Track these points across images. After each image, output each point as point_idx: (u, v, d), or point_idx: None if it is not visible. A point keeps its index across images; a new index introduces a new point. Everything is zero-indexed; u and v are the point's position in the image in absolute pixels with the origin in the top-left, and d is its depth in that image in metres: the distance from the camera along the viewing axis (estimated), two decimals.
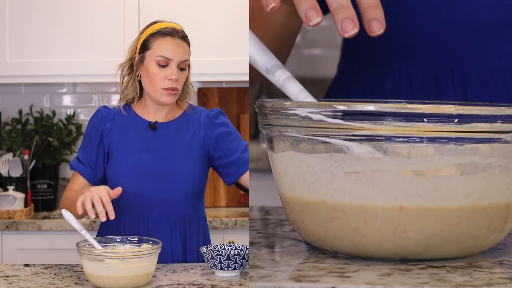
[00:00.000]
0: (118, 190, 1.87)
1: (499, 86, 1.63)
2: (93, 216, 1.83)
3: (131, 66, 2.08)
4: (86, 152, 2.08)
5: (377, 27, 1.22)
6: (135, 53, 2.06)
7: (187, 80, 2.10)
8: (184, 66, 2.04)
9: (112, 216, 1.82)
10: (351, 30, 1.19)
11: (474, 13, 1.61)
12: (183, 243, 2.06)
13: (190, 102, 2.14)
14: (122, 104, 2.09)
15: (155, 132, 2.07)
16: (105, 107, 2.11)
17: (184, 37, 2.05)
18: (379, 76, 1.71)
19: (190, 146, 2.07)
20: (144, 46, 2.04)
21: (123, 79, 2.09)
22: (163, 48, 2.01)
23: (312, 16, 1.21)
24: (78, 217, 1.86)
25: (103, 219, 1.82)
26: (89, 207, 1.82)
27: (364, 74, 1.74)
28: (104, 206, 1.82)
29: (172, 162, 2.04)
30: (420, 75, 1.66)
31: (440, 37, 1.63)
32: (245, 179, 2.08)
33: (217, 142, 2.08)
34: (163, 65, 2.01)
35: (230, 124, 2.12)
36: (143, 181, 2.02)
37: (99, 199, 1.82)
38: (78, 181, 2.08)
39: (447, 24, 1.62)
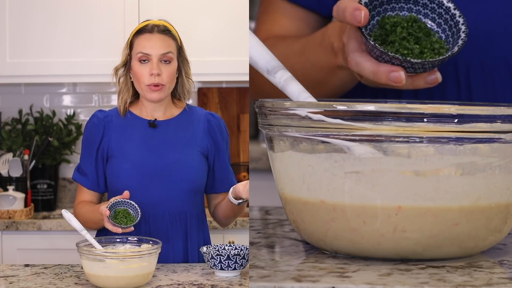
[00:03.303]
0: (126, 194, 1.93)
1: (503, 76, 1.61)
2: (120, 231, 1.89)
3: (124, 67, 2.08)
4: (86, 160, 2.09)
5: (398, 79, 1.33)
6: (128, 55, 2.07)
7: (182, 75, 2.09)
8: (167, 59, 2.03)
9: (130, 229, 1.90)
10: (401, 80, 1.33)
11: (475, 3, 1.60)
12: (184, 242, 2.06)
13: (187, 102, 2.14)
14: (121, 106, 2.08)
15: (155, 130, 2.07)
16: (100, 111, 2.11)
17: (164, 31, 2.06)
18: None
19: (191, 143, 2.08)
20: (130, 47, 2.07)
21: (119, 81, 2.10)
22: (141, 44, 2.04)
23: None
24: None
25: (118, 230, 1.89)
26: (113, 227, 1.89)
27: None
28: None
29: (173, 159, 2.04)
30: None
31: None
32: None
33: (220, 151, 2.12)
34: (144, 60, 2.03)
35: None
36: (144, 179, 2.02)
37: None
38: (84, 193, 2.10)
39: None
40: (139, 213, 1.89)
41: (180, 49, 2.08)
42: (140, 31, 2.06)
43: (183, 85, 2.10)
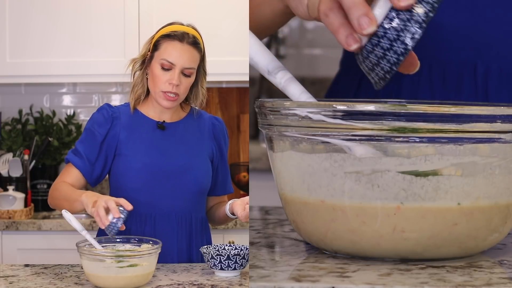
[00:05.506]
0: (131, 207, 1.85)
1: None
2: (107, 223, 1.79)
3: (143, 63, 2.07)
4: (86, 145, 2.05)
5: (366, 24, 1.14)
6: (149, 50, 2.06)
7: (198, 85, 2.09)
8: (188, 73, 2.03)
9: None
10: (368, 27, 1.13)
11: (499, 9, 1.60)
12: (188, 242, 2.06)
13: (192, 105, 2.14)
14: (133, 101, 2.07)
15: (163, 131, 2.07)
16: (109, 105, 2.10)
17: (194, 43, 2.04)
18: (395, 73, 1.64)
19: (198, 146, 2.09)
20: (155, 46, 2.04)
21: (134, 74, 2.08)
22: (168, 52, 2.01)
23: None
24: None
25: (116, 215, 1.79)
26: (102, 213, 1.79)
27: None
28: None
29: (181, 161, 2.05)
30: (441, 71, 1.63)
31: (465, 32, 1.60)
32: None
33: (223, 156, 2.14)
34: (166, 68, 2.01)
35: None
36: (152, 180, 2.02)
37: (110, 203, 1.80)
38: (72, 173, 2.04)
39: (472, 19, 1.60)
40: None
41: (202, 61, 2.08)
42: (169, 36, 2.03)
43: (196, 94, 2.11)
